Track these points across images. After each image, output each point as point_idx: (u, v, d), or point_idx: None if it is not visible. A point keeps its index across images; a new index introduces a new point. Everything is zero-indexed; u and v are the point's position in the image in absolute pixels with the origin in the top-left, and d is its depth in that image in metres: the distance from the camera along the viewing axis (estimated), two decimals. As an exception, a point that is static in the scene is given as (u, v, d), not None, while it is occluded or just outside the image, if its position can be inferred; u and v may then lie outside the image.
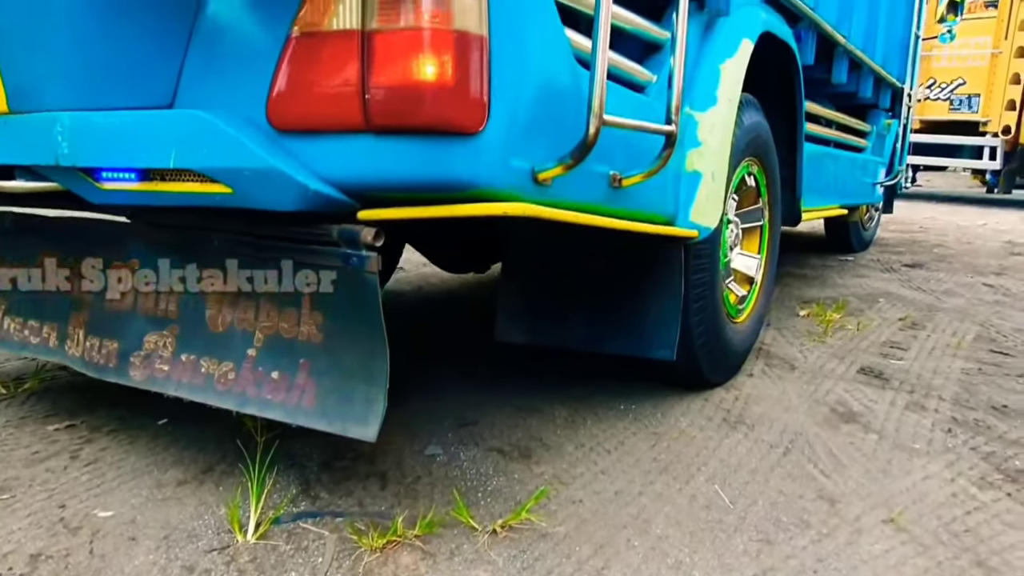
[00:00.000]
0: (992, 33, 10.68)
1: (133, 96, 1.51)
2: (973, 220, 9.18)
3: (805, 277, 5.05)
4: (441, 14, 1.36)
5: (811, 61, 3.24)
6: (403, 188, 1.44)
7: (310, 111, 1.42)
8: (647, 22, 2.04)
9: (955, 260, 6.03)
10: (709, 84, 2.29)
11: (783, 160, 3.13)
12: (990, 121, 10.78)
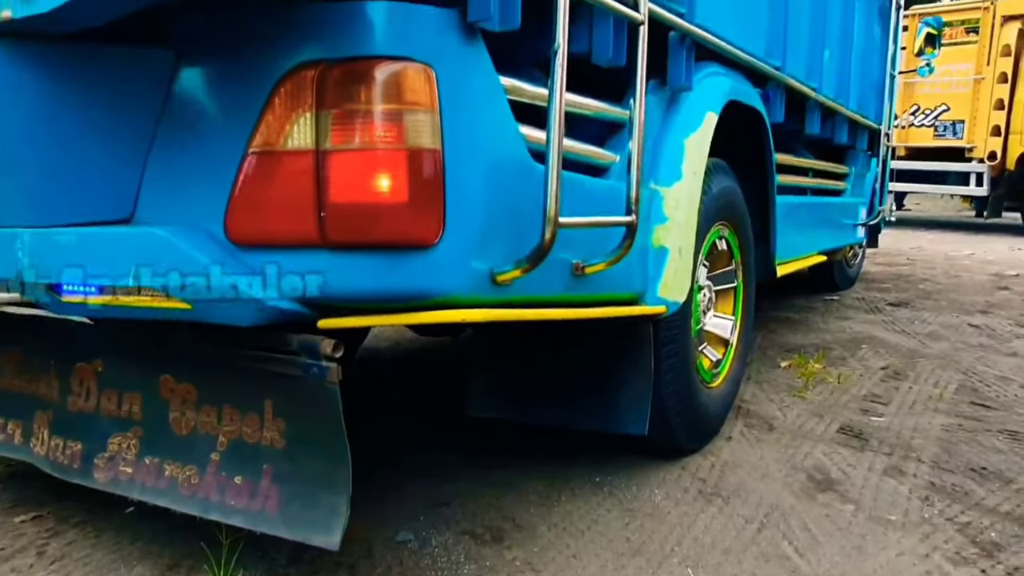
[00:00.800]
0: (974, 60, 10.90)
1: (93, 210, 1.56)
2: (961, 249, 9.30)
3: (789, 321, 5.11)
4: (394, 133, 1.42)
5: (781, 119, 3.33)
6: (361, 300, 1.49)
7: (267, 227, 1.47)
8: (606, 104, 2.11)
9: (941, 297, 6.11)
10: (674, 159, 2.36)
11: (756, 216, 3.20)
12: (975, 147, 10.96)
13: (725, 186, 2.79)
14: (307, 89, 1.43)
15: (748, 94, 2.86)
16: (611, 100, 2.14)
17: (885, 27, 5.34)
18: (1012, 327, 5.02)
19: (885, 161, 5.62)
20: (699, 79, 2.50)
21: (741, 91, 2.79)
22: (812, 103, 3.75)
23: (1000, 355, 4.27)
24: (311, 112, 1.42)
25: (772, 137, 3.14)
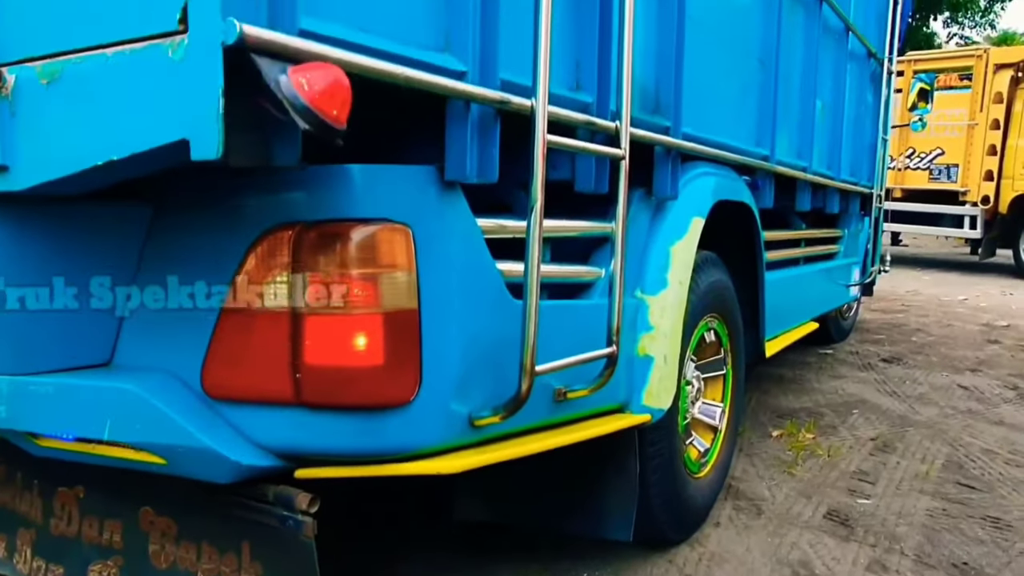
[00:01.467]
0: (967, 106, 10.86)
1: (72, 355, 1.53)
2: (955, 294, 9.22)
3: (782, 379, 5.05)
4: (370, 296, 1.38)
5: (771, 204, 3.29)
6: (337, 457, 1.46)
7: (242, 384, 1.44)
8: (589, 222, 2.07)
9: (933, 351, 6.04)
10: (660, 268, 2.32)
11: (745, 300, 3.15)
12: (969, 191, 10.90)
13: (714, 280, 2.75)
14: (284, 249, 1.39)
15: (736, 190, 2.83)
16: (595, 216, 2.10)
17: (877, 92, 5.31)
18: (1000, 389, 4.95)
19: (878, 221, 5.57)
20: (685, 182, 2.47)
21: (728, 188, 2.75)
22: (802, 182, 3.71)
23: (987, 423, 4.20)
24: (287, 272, 1.39)
25: (760, 224, 3.10)
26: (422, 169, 1.47)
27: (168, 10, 1.04)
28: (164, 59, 1.05)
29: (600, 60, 1.89)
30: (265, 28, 1.04)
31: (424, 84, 1.31)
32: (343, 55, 1.14)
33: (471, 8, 1.46)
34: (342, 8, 1.24)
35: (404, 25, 1.37)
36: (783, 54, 3.24)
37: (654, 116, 2.25)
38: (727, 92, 2.86)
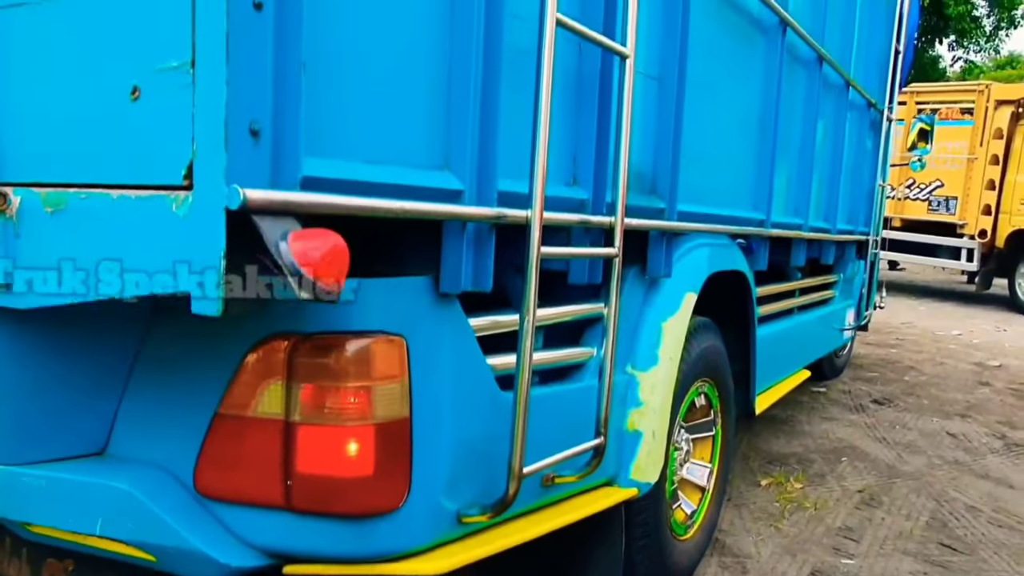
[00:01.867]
0: (967, 140, 10.87)
1: (66, 445, 1.55)
2: (949, 328, 9.22)
3: (774, 421, 5.06)
4: (363, 406, 1.41)
5: (765, 267, 3.31)
6: (326, 559, 1.48)
7: (234, 486, 1.46)
8: (582, 305, 2.09)
9: (924, 392, 6.05)
10: (651, 344, 2.34)
11: (737, 357, 3.17)
12: (967, 224, 10.90)
13: (707, 346, 2.77)
14: (279, 359, 1.41)
15: (730, 259, 2.85)
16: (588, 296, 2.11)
17: (876, 139, 5.33)
18: (987, 438, 4.96)
19: (873, 265, 5.59)
20: (679, 256, 2.49)
21: (722, 258, 2.77)
22: (798, 241, 3.73)
23: (973, 476, 4.21)
24: (282, 382, 1.41)
25: (754, 287, 3.12)
26: (417, 281, 1.49)
27: (174, 165, 1.07)
28: (168, 212, 1.07)
29: (597, 154, 1.91)
30: (267, 188, 1.06)
31: (423, 214, 1.34)
32: (344, 201, 1.17)
33: (470, 127, 1.48)
34: (344, 144, 1.26)
35: (405, 150, 1.39)
36: (783, 116, 3.26)
37: (650, 198, 2.27)
38: (725, 162, 2.89)
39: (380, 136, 1.34)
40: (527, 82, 1.55)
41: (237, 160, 1.04)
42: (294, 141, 1.14)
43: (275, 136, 1.11)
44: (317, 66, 1.17)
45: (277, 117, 1.11)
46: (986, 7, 22.68)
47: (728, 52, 2.83)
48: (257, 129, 1.09)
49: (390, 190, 1.32)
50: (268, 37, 1.08)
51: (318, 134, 1.19)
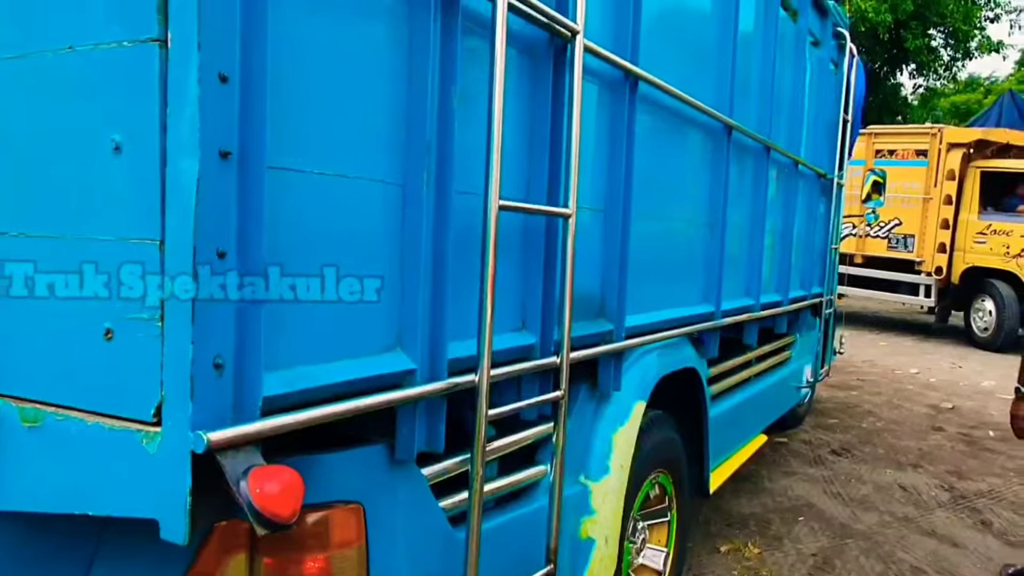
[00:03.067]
0: (923, 180, 11.17)
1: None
2: (908, 366, 9.44)
3: (736, 478, 5.15)
4: (323, 573, 1.51)
5: (715, 354, 3.45)
6: None
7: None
8: (533, 429, 2.17)
9: (880, 440, 6.21)
10: (603, 455, 2.46)
11: (691, 437, 3.30)
12: (924, 261, 11.17)
13: (660, 439, 2.89)
14: (242, 533, 1.50)
15: (679, 359, 2.98)
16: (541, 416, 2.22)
17: (828, 204, 5.51)
18: (936, 490, 5.12)
19: (828, 321, 5.76)
20: (628, 367, 2.61)
21: (672, 361, 2.90)
22: (749, 322, 3.87)
23: (920, 533, 4.36)
24: (245, 555, 1.49)
25: (706, 379, 3.26)
26: (373, 450, 1.60)
27: (144, 403, 1.18)
28: (138, 445, 1.18)
29: (544, 300, 2.04)
30: (231, 420, 1.18)
31: (378, 405, 1.46)
32: (302, 417, 1.29)
33: (420, 306, 1.60)
34: (303, 352, 1.38)
35: (360, 341, 1.51)
36: (731, 208, 3.41)
37: (598, 322, 2.40)
38: (674, 267, 3.03)
39: (336, 335, 1.45)
40: (474, 250, 1.67)
41: (202, 400, 1.15)
42: (255, 365, 1.25)
43: (237, 365, 1.22)
44: (275, 303, 1.28)
45: (239, 349, 1.23)
46: (943, 39, 23.22)
47: (675, 163, 2.98)
48: (221, 363, 1.20)
49: (347, 385, 1.43)
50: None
51: (277, 351, 1.31)
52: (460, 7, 1.62)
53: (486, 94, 1.63)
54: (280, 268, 1.30)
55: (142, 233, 1.18)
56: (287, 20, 1.29)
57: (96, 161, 1.22)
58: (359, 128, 1.47)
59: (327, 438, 1.56)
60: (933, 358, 10.10)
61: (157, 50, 1.14)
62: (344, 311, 1.48)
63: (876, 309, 14.55)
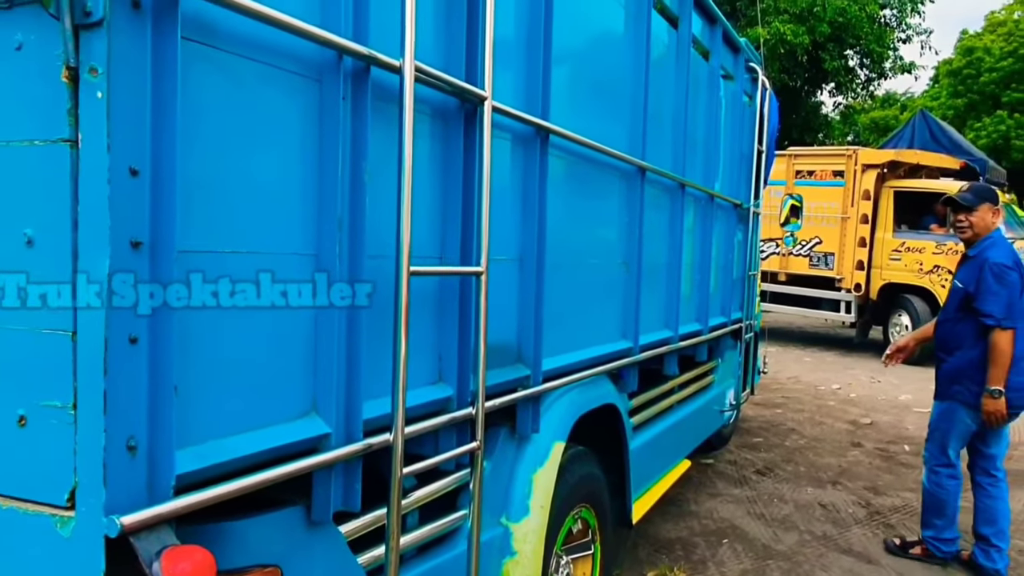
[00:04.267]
0: (840, 200, 11.67)
1: None
2: (830, 381, 9.82)
3: (663, 501, 5.31)
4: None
5: (635, 388, 3.58)
6: None
7: None
8: (452, 476, 2.25)
9: (802, 458, 6.47)
10: (523, 496, 2.55)
11: (614, 468, 3.41)
12: (844, 278, 11.66)
13: (582, 475, 2.99)
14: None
15: (598, 396, 3.10)
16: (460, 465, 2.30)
17: (745, 231, 5.76)
18: (854, 507, 5.37)
19: (749, 345, 5.99)
20: (546, 408, 2.72)
21: (590, 398, 3.02)
22: (669, 353, 4.03)
23: (838, 551, 4.57)
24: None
25: (625, 413, 3.39)
26: (289, 513, 1.66)
27: (59, 488, 1.22)
28: (53, 530, 1.22)
29: (460, 352, 2.13)
30: (144, 502, 1.23)
31: (293, 473, 1.52)
32: (215, 492, 1.35)
33: (335, 373, 1.67)
34: (216, 426, 1.44)
35: (275, 409, 1.57)
36: (647, 247, 3.56)
37: (515, 367, 2.50)
38: (590, 309, 3.15)
39: (251, 405, 1.52)
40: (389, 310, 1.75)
41: (115, 483, 1.21)
42: (167, 444, 1.30)
43: (150, 446, 1.28)
44: (188, 383, 1.35)
45: (152, 429, 1.28)
46: (859, 59, 24.26)
47: (590, 207, 3.12)
48: (134, 445, 1.25)
49: (262, 454, 1.49)
50: (143, 370, 1.25)
51: (190, 427, 1.37)
52: (370, 83, 1.70)
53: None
54: (194, 349, 1.36)
55: (54, 324, 1.23)
56: (197, 111, 1.36)
57: (8, 254, 1.27)
58: (271, 207, 1.54)
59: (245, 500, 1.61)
60: (854, 373, 10.53)
61: (68, 150, 1.20)
62: (258, 381, 1.55)
63: (801, 325, 15.06)
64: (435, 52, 2.01)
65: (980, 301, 3.97)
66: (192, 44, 1.34)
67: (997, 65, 31.59)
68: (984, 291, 3.96)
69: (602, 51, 3.21)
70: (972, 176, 11.98)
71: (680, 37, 3.97)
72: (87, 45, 1.18)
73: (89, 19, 1.17)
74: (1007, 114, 31.08)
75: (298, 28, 1.47)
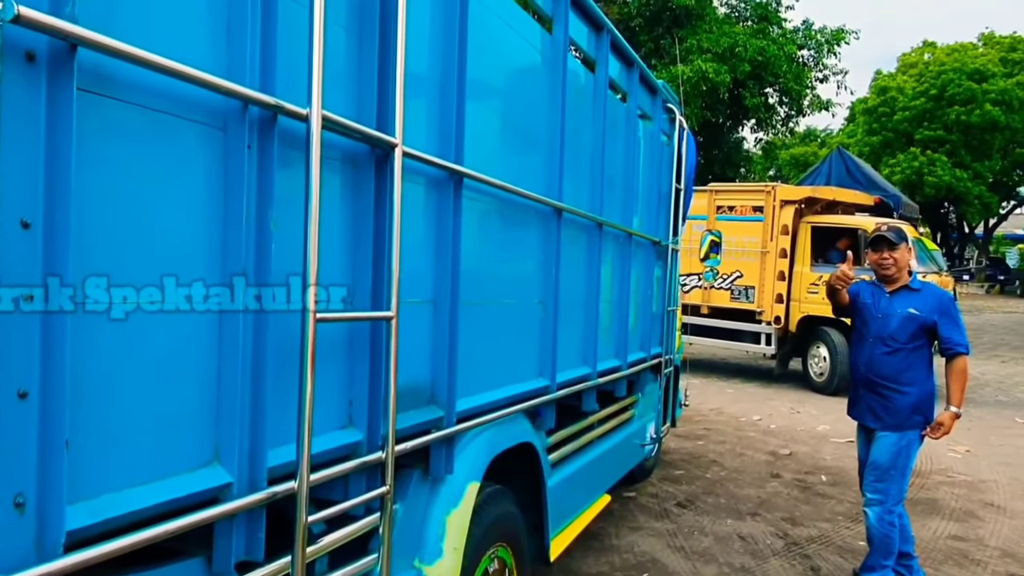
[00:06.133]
0: (760, 234, 12.07)
1: None
2: (751, 413, 10.08)
3: (585, 536, 5.35)
4: None
5: (552, 425, 3.64)
6: None
7: None
8: (359, 523, 2.23)
9: (722, 490, 6.62)
10: (436, 538, 2.57)
11: (532, 506, 3.45)
12: (764, 311, 12.02)
13: (498, 513, 3.02)
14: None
15: (513, 435, 3.15)
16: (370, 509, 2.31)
17: (664, 267, 5.91)
18: (772, 538, 5.52)
19: (669, 379, 6.13)
20: (460, 449, 2.75)
21: (505, 437, 3.07)
22: (587, 390, 4.11)
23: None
24: None
25: (542, 450, 3.44)
26: (188, 565, 1.66)
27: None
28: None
29: (371, 396, 2.15)
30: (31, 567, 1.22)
31: (192, 525, 1.52)
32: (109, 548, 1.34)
33: (238, 421, 1.68)
34: (110, 480, 1.43)
35: (173, 460, 1.57)
36: (564, 286, 3.64)
37: (429, 408, 2.53)
38: (506, 348, 3.20)
39: (147, 456, 1.51)
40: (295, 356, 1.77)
41: (2, 541, 1.19)
42: (57, 499, 1.29)
43: (39, 502, 1.27)
44: (80, 435, 1.34)
45: (41, 485, 1.27)
46: (778, 97, 25.23)
47: (505, 248, 3.18)
48: (22, 501, 1.24)
49: (160, 507, 1.49)
50: (33, 425, 1.25)
51: (81, 481, 1.36)
52: (276, 131, 1.73)
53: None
54: (87, 400, 1.36)
55: (-60, 378, 1.22)
56: (94, 161, 1.36)
57: None
58: (173, 256, 1.55)
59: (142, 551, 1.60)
60: (774, 404, 10.83)
61: (-42, 202, 1.20)
62: (157, 431, 1.54)
63: (724, 356, 15.44)
64: (346, 98, 2.05)
65: (949, 331, 4.22)
66: (90, 95, 1.35)
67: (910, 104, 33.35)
68: (948, 322, 4.23)
69: (518, 94, 3.31)
70: (887, 212, 12.57)
71: (597, 80, 4.10)
72: (-21, 98, 1.19)
73: (-20, 72, 1.17)
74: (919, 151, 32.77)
75: (200, 79, 1.49)
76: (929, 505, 6.39)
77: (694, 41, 20.72)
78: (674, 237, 5.90)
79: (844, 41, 23.72)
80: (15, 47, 1.20)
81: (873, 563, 4.45)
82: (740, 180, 25.60)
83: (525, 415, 3.34)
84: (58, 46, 1.27)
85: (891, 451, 4.31)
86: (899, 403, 4.30)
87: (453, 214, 2.56)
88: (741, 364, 14.89)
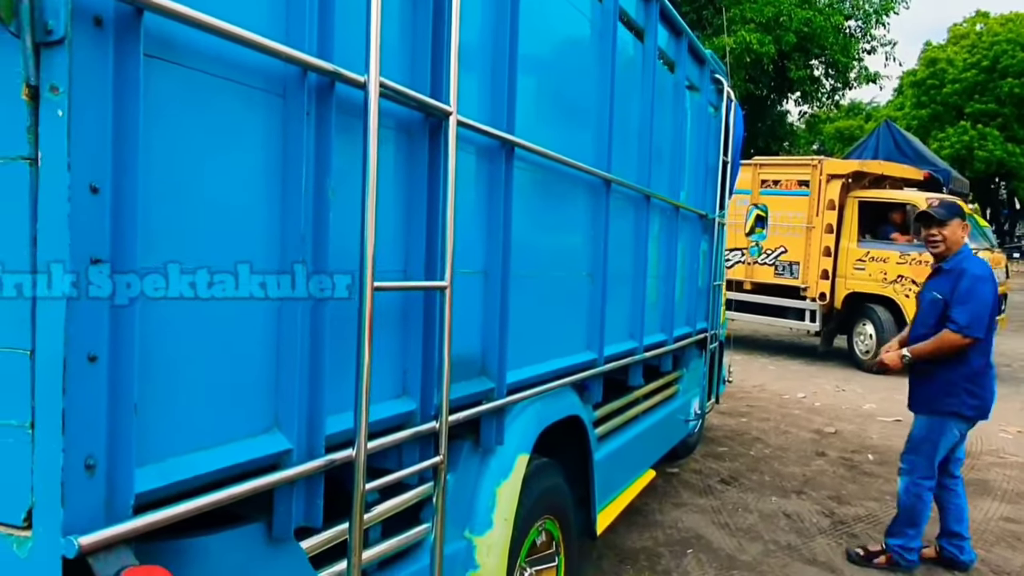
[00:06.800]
0: (805, 209, 11.87)
1: None
2: (795, 390, 9.97)
3: (629, 511, 5.36)
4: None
5: (600, 399, 3.63)
6: None
7: None
8: (414, 491, 2.25)
9: (767, 467, 6.57)
10: (487, 509, 2.58)
11: (578, 481, 3.45)
12: (809, 287, 11.85)
13: (547, 486, 3.03)
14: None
15: (562, 408, 3.14)
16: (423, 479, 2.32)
17: (711, 242, 5.84)
18: (818, 516, 5.46)
19: (714, 355, 6.07)
20: (510, 421, 2.75)
21: (554, 410, 3.06)
22: (634, 364, 4.08)
23: (802, 562, 4.65)
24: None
25: (590, 425, 3.43)
26: (249, 530, 1.67)
27: (15, 508, 1.22)
28: (10, 550, 1.23)
29: (424, 366, 2.15)
30: (102, 522, 1.24)
31: (254, 490, 1.54)
32: (174, 511, 1.36)
33: (297, 389, 1.69)
34: (176, 443, 1.45)
35: (235, 426, 1.58)
36: (612, 258, 3.61)
37: (480, 380, 2.53)
38: (555, 320, 3.19)
39: (212, 422, 1.53)
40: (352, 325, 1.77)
41: (73, 503, 1.21)
42: (127, 462, 1.31)
43: (109, 464, 1.29)
44: (148, 400, 1.36)
45: (111, 448, 1.29)
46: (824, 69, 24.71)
47: (555, 219, 3.16)
48: (92, 463, 1.26)
49: (223, 471, 1.51)
50: (103, 388, 1.26)
51: (149, 445, 1.38)
52: (334, 99, 1.73)
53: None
54: (155, 366, 1.37)
55: (13, 342, 1.24)
56: (159, 127, 1.37)
57: (-35, 272, 1.27)
58: (234, 223, 1.56)
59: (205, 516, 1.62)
60: (819, 382, 10.70)
61: (27, 168, 1.21)
62: (220, 397, 1.56)
63: (766, 333, 15.26)
64: (400, 67, 2.03)
65: (953, 308, 4.15)
66: (155, 60, 1.35)
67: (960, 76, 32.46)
68: (955, 300, 4.15)
69: (568, 64, 3.26)
70: (936, 187, 12.27)
71: (646, 49, 4.04)
72: (48, 63, 1.19)
73: (50, 37, 1.18)
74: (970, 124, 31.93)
75: (261, 44, 1.49)
76: (980, 486, 6.27)
77: (737, 11, 20.29)
78: (720, 211, 5.81)
79: (893, 11, 23.09)
80: (84, 11, 1.20)
81: (896, 530, 4.51)
82: (783, 154, 25.12)
83: (573, 388, 3.32)
84: (124, 10, 1.26)
85: (923, 429, 4.39)
86: (925, 384, 4.35)
87: (504, 184, 2.54)
88: (784, 341, 14.71)
